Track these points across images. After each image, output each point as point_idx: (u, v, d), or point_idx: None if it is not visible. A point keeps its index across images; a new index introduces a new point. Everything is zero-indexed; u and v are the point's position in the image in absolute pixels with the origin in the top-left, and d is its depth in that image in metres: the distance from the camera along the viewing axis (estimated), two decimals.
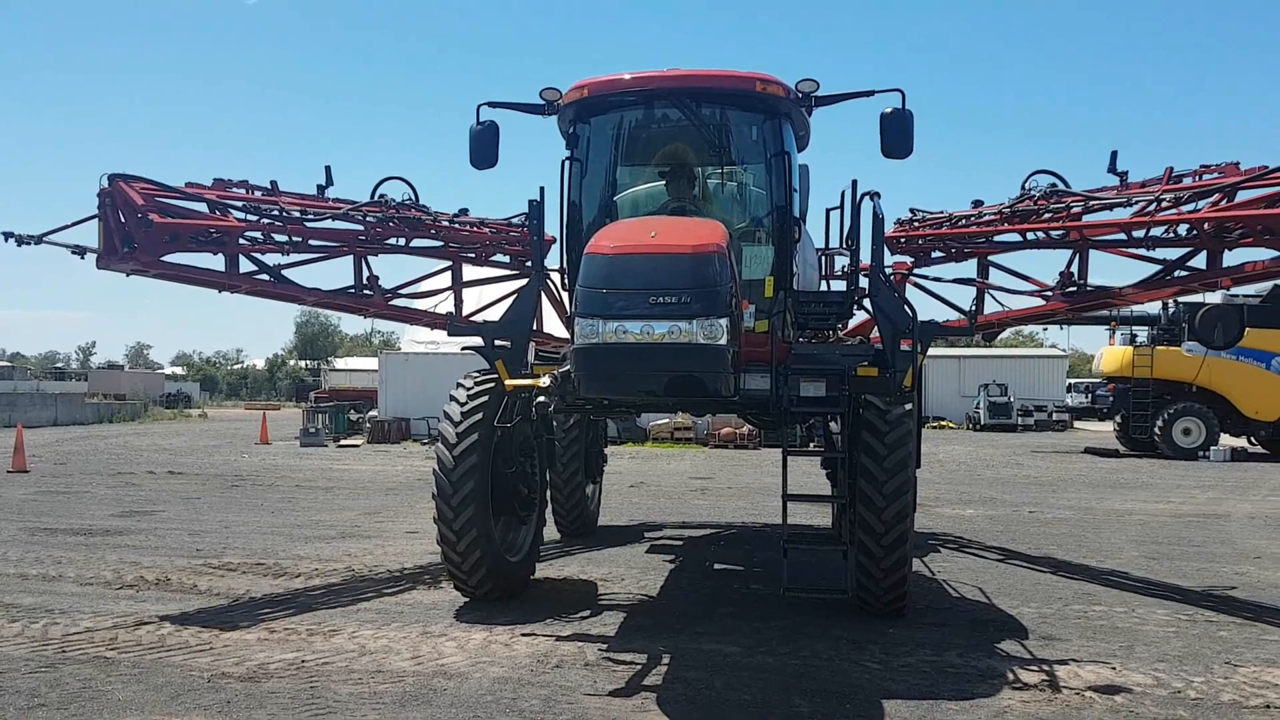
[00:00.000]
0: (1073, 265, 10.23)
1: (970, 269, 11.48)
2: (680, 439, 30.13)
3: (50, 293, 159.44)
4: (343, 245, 10.73)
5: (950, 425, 41.05)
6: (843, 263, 10.33)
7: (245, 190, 10.18)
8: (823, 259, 10.51)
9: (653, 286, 6.71)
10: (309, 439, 30.59)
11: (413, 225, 10.89)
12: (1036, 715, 5.76)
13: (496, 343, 8.47)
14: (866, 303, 8.64)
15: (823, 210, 9.89)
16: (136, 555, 10.65)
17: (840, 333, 10.05)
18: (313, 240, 10.50)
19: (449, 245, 11.47)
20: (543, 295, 9.42)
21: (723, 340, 6.71)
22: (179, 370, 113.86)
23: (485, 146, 8.73)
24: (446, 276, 11.83)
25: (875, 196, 8.38)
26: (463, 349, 8.82)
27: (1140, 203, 9.56)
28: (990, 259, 11.26)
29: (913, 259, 11.70)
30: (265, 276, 10.27)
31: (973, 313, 11.08)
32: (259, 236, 10.06)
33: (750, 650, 7.00)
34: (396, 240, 11.10)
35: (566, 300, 8.43)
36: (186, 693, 5.99)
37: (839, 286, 10.39)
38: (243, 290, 10.41)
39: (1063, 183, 10.27)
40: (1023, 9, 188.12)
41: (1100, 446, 29.10)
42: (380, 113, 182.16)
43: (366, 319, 12.23)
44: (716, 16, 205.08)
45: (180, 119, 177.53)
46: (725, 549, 11.67)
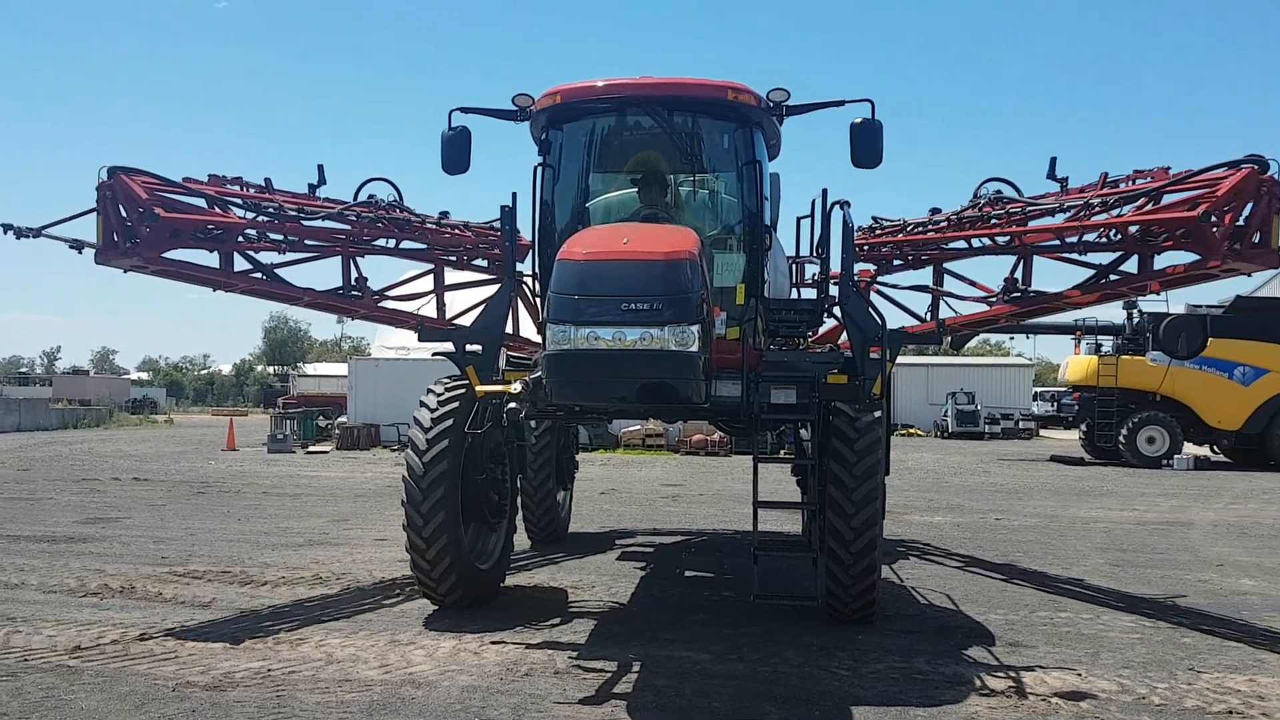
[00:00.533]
0: (1017, 271, 10.45)
1: (930, 276, 11.67)
2: (651, 446, 30.14)
3: (13, 295, 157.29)
4: (335, 245, 10.66)
5: (918, 433, 41.35)
6: (813, 270, 10.40)
7: (240, 187, 10.07)
8: (793, 267, 10.57)
9: (625, 293, 6.72)
10: (277, 445, 30.32)
11: (402, 226, 10.83)
12: None
13: (468, 348, 8.44)
14: (836, 310, 8.69)
15: (793, 218, 9.99)
16: (101, 563, 10.50)
17: (809, 340, 10.11)
18: (308, 240, 10.42)
19: (433, 248, 11.42)
20: (518, 300, 9.39)
21: (694, 347, 6.73)
22: (145, 376, 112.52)
23: (457, 152, 8.71)
24: (429, 280, 11.78)
25: (845, 205, 8.44)
26: (434, 354, 8.78)
27: (1072, 209, 9.74)
28: (945, 266, 11.45)
29: (875, 267, 11.82)
30: (259, 275, 10.18)
31: (941, 321, 11.20)
32: (253, 234, 9.96)
33: (720, 657, 7.01)
34: (386, 242, 11.03)
35: (539, 306, 8.42)
36: (151, 702, 5.91)
37: (809, 294, 10.45)
38: (238, 289, 10.30)
39: (1016, 190, 10.43)
40: (1011, 10, 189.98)
41: (1066, 454, 29.39)
42: (358, 114, 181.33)
43: (354, 320, 12.03)
44: (701, 22, 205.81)
45: (156, 118, 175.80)
46: (696, 556, 11.68)
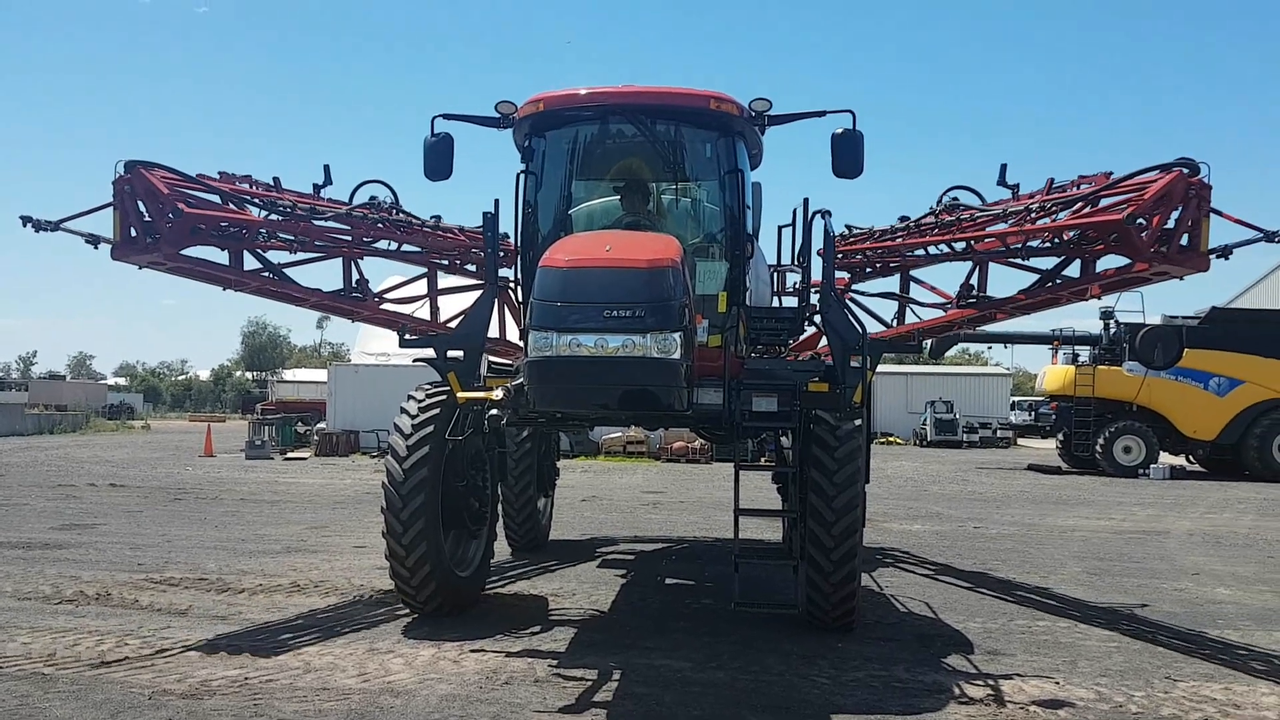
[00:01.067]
0: (973, 277, 10.61)
1: (898, 283, 11.86)
2: (633, 453, 30.13)
3: None
4: (341, 246, 10.61)
5: (898, 441, 41.49)
6: (794, 279, 10.44)
7: (250, 185, 10.00)
8: (775, 275, 10.61)
9: (607, 300, 6.72)
10: (255, 452, 30.09)
11: (404, 229, 10.79)
12: None
13: (449, 354, 8.42)
14: (817, 318, 8.73)
15: (774, 227, 10.03)
16: (76, 569, 10.40)
17: (789, 347, 10.14)
18: (318, 240, 10.39)
19: (427, 252, 11.39)
20: (505, 305, 9.37)
21: (676, 354, 6.73)
22: (122, 381, 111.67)
23: (439, 158, 8.69)
24: (423, 283, 11.77)
25: (826, 214, 8.48)
26: (415, 360, 8.75)
27: (1015, 215, 9.86)
28: (912, 273, 11.58)
29: (849, 274, 11.91)
30: (269, 275, 10.13)
31: (917, 332, 11.34)
32: (263, 233, 9.91)
33: (701, 665, 7.01)
34: (388, 244, 11.00)
35: (515, 314, 8.42)
36: (126, 710, 5.86)
37: (790, 302, 10.49)
38: (249, 288, 10.25)
39: (979, 197, 10.55)
40: (997, 17, 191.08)
41: (1043, 463, 29.56)
42: (341, 117, 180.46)
43: (355, 322, 11.96)
44: (690, 31, 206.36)
45: (141, 121, 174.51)
46: (677, 563, 11.68)
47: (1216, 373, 26.21)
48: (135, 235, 8.97)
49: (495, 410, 7.74)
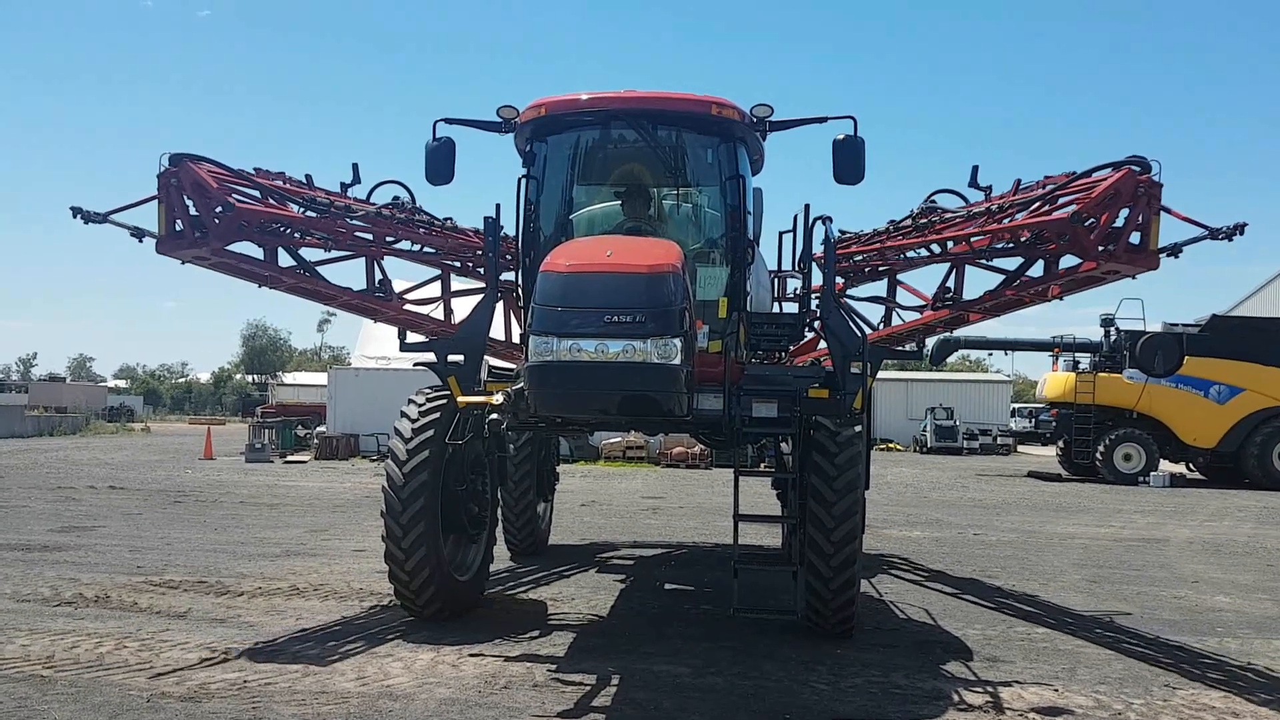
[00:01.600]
0: (949, 280, 10.70)
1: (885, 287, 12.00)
2: (632, 458, 30.12)
3: None
4: (369, 245, 10.61)
5: (897, 447, 41.49)
6: (795, 285, 10.45)
7: (283, 182, 10.00)
8: (775, 281, 10.62)
9: (608, 305, 6.73)
10: (255, 455, 30.11)
11: (426, 229, 10.80)
12: None
13: (449, 358, 8.42)
14: (817, 324, 8.74)
15: (775, 233, 10.04)
16: (75, 571, 10.40)
17: (789, 353, 10.15)
18: (352, 238, 10.41)
19: (445, 253, 11.39)
20: (511, 309, 9.37)
21: (676, 360, 6.74)
22: (122, 383, 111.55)
23: (441, 163, 8.71)
24: (438, 285, 11.78)
25: (827, 220, 8.49)
26: (415, 364, 8.75)
27: (978, 218, 9.89)
28: (898, 277, 11.65)
29: (843, 280, 11.95)
30: (303, 272, 10.13)
31: (899, 333, 11.42)
32: (299, 230, 9.92)
33: (700, 671, 7.00)
34: (411, 245, 11.00)
35: (521, 318, 8.42)
36: (125, 712, 5.86)
37: (791, 308, 10.50)
38: (282, 285, 10.24)
39: (964, 200, 10.57)
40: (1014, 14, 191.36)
41: (1043, 470, 29.55)
42: (345, 118, 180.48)
43: (377, 322, 11.92)
44: (687, 35, 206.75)
45: (140, 126, 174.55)
46: (676, 569, 11.67)
47: (1217, 380, 26.25)
48: (182, 229, 8.90)
49: (495, 415, 7.75)
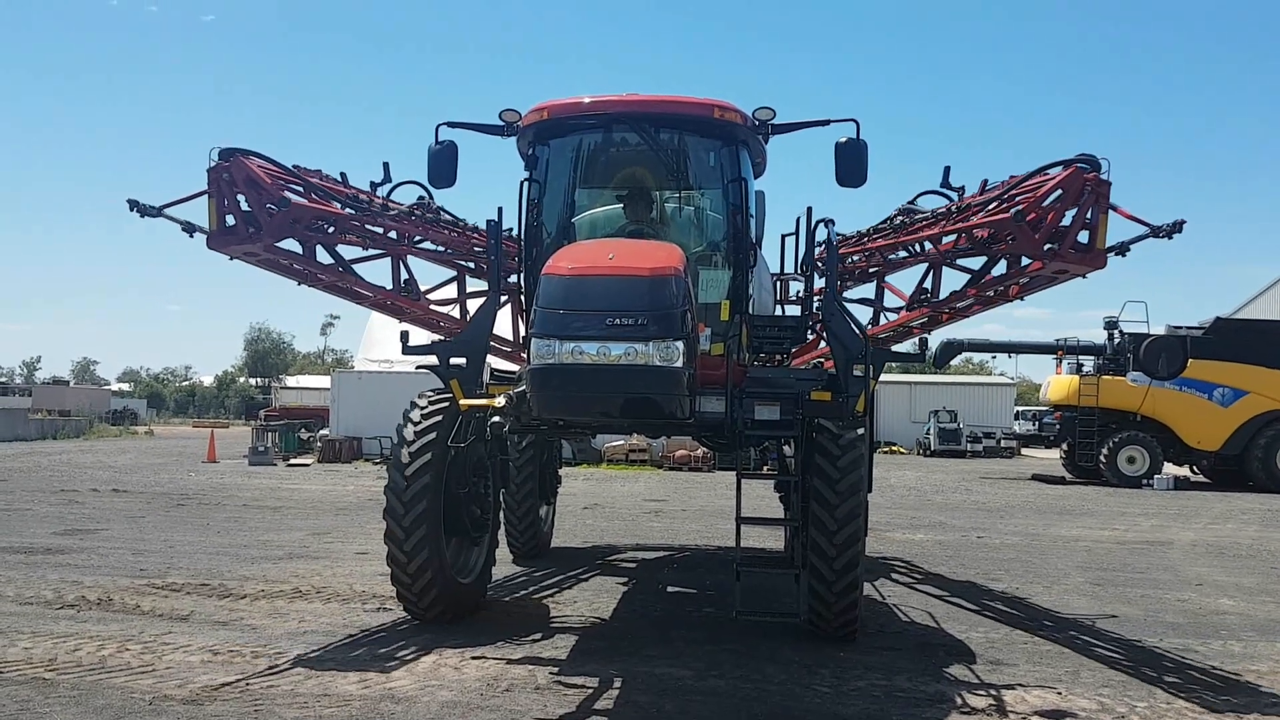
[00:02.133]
0: (927, 280, 10.75)
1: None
2: (635, 461, 30.11)
3: None
4: (397, 244, 10.61)
5: (901, 450, 41.47)
6: (797, 288, 10.45)
7: (319, 179, 10.02)
8: (778, 284, 10.61)
9: (610, 308, 6.72)
10: (258, 458, 30.15)
11: (449, 229, 10.77)
12: None
13: (452, 361, 8.42)
14: (818, 326, 8.74)
15: (778, 236, 10.04)
16: (78, 574, 10.41)
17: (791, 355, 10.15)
18: (383, 238, 10.43)
19: (463, 253, 11.40)
20: (520, 311, 9.39)
21: (679, 363, 6.73)
22: (126, 386, 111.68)
23: (443, 166, 8.73)
24: (454, 286, 11.82)
25: (829, 223, 8.48)
26: (417, 367, 8.76)
27: (942, 219, 9.90)
28: (886, 279, 11.72)
29: (839, 282, 12.00)
30: (340, 269, 10.15)
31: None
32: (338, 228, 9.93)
33: (702, 674, 6.99)
34: (435, 246, 10.99)
35: (524, 321, 8.42)
36: (127, 715, 5.86)
37: (793, 311, 10.49)
38: (321, 283, 10.21)
39: (949, 199, 10.57)
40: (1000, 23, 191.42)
41: (1047, 473, 29.50)
42: (350, 120, 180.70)
43: (402, 322, 11.90)
44: (690, 37, 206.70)
45: (145, 130, 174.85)
46: (679, 572, 11.66)
47: (1221, 383, 26.20)
48: (234, 224, 8.84)
49: (497, 417, 7.75)
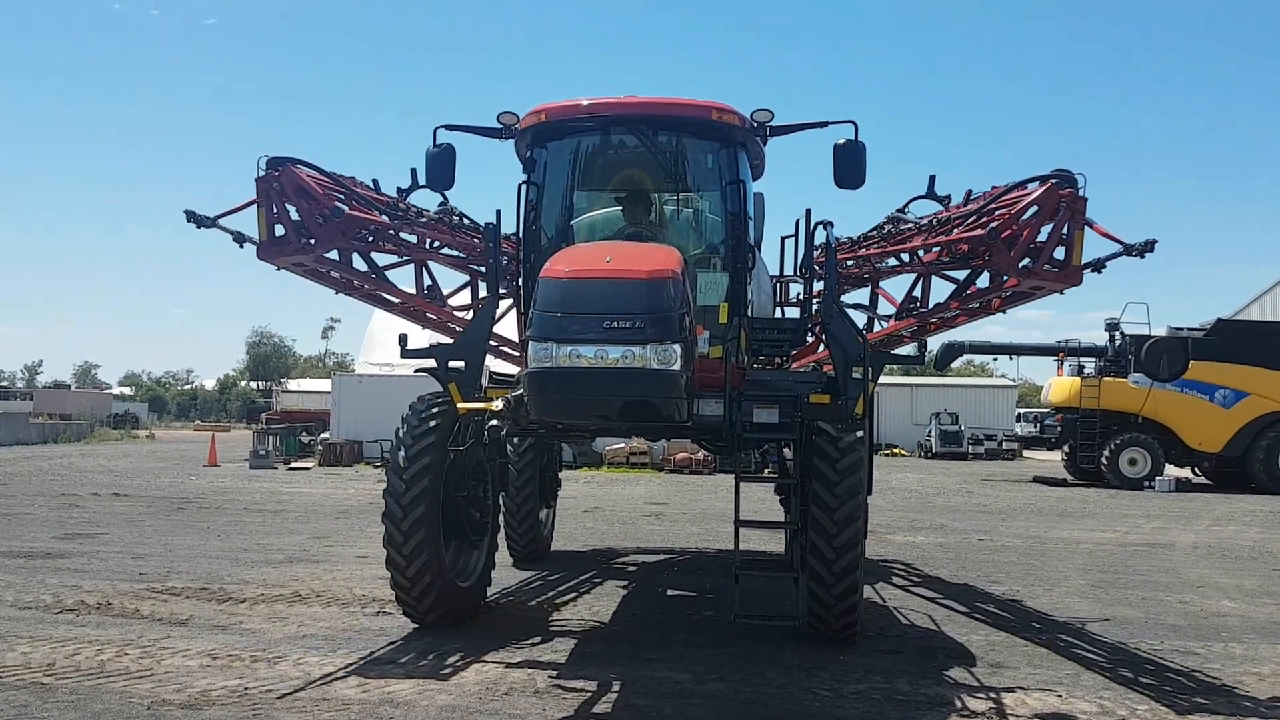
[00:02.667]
0: (916, 289, 10.76)
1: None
2: (636, 464, 30.09)
3: None
4: (423, 251, 10.63)
5: (902, 453, 41.44)
6: (796, 290, 10.44)
7: (361, 187, 10.01)
8: (777, 286, 10.60)
9: (607, 311, 6.71)
10: (259, 461, 30.16)
11: (470, 234, 10.77)
12: None
13: (450, 364, 8.42)
14: (818, 329, 8.72)
15: (777, 238, 10.03)
16: (78, 578, 10.41)
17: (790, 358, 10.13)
18: (410, 245, 10.43)
19: (477, 259, 11.37)
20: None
21: (676, 365, 6.72)
22: (127, 390, 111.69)
23: (441, 168, 8.73)
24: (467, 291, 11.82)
25: (828, 226, 8.47)
26: (416, 371, 8.75)
27: (925, 230, 9.89)
28: (879, 284, 11.75)
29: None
30: (375, 277, 10.17)
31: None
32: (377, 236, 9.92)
33: (702, 677, 6.98)
34: (454, 252, 10.99)
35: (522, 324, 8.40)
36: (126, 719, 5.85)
37: (792, 313, 10.49)
38: (358, 291, 10.18)
39: (942, 207, 10.55)
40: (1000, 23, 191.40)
41: (1048, 475, 29.47)
42: (354, 122, 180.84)
43: (425, 329, 11.87)
44: (686, 38, 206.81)
45: (148, 135, 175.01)
46: (678, 575, 11.65)
47: (1222, 385, 26.17)
48: (284, 234, 8.81)
49: (496, 421, 7.74)
